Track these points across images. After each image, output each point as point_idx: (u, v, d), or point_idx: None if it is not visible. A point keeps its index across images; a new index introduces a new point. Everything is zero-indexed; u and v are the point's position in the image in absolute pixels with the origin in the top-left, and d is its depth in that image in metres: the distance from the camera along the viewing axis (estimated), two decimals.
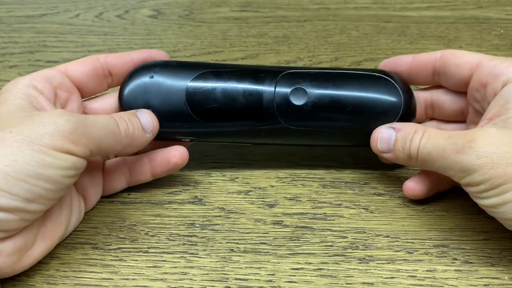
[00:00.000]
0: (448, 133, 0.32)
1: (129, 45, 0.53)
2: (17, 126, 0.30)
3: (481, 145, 0.30)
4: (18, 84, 0.34)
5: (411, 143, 0.34)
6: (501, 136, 0.31)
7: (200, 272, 0.33)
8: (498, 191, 0.30)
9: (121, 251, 0.34)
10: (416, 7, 0.59)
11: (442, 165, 0.32)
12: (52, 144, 0.30)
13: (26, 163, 0.29)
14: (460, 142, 0.31)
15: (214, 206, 0.37)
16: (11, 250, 0.30)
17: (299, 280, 0.33)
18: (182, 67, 0.37)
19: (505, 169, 0.30)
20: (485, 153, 0.30)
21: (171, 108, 0.36)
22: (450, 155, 0.31)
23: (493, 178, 0.30)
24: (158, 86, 0.36)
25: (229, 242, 0.35)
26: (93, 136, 0.32)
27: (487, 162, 0.30)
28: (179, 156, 0.36)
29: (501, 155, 0.30)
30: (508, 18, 0.57)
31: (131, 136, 0.34)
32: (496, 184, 0.30)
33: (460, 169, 0.31)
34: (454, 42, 0.53)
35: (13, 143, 0.29)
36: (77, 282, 0.32)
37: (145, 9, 0.59)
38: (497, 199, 0.30)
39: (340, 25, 0.56)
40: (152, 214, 0.36)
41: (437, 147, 0.32)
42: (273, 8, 0.59)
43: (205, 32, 0.56)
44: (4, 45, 0.53)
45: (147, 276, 0.33)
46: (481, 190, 0.31)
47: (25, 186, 0.29)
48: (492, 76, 0.34)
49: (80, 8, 0.59)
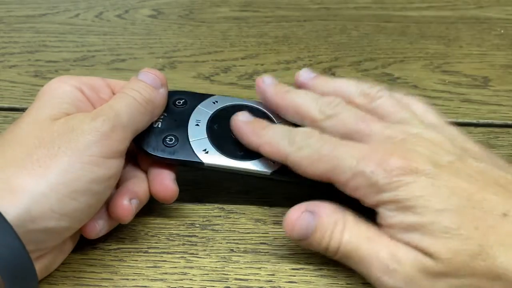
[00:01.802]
0: (368, 233, 0.30)
1: (129, 45, 0.53)
2: (62, 139, 0.29)
3: (405, 269, 0.28)
4: (64, 86, 0.33)
5: (332, 238, 0.30)
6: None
7: (200, 272, 0.33)
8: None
9: (120, 251, 0.34)
10: (416, 7, 0.59)
11: (364, 273, 0.30)
12: (100, 152, 0.29)
13: (77, 178, 0.29)
14: (384, 260, 0.29)
15: (214, 206, 0.37)
16: (41, 268, 0.30)
17: (299, 280, 0.33)
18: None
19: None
20: (411, 277, 0.28)
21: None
22: (375, 272, 0.29)
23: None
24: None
25: (229, 242, 0.35)
26: (126, 123, 0.31)
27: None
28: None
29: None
30: (508, 18, 0.57)
31: (150, 101, 0.33)
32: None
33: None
34: (454, 42, 0.53)
35: (64, 158, 0.29)
36: (77, 282, 0.32)
37: (145, 9, 0.59)
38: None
39: (340, 25, 0.56)
40: (152, 214, 0.36)
41: (360, 252, 0.30)
42: (273, 8, 0.59)
43: (205, 32, 0.56)
44: (4, 45, 0.53)
45: (147, 276, 0.33)
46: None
47: (75, 205, 0.29)
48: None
49: (80, 8, 0.59)
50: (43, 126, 0.30)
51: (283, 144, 0.32)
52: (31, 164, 0.28)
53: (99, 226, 0.32)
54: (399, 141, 0.31)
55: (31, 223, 0.27)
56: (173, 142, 0.35)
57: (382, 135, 0.31)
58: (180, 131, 0.35)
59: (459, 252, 0.28)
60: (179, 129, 0.35)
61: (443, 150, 0.30)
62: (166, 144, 0.35)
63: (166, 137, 0.35)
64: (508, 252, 0.27)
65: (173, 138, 0.35)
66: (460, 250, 0.28)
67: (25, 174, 0.28)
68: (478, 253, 0.27)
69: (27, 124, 0.31)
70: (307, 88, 0.36)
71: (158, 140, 0.35)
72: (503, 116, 0.45)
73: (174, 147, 0.34)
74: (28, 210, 0.27)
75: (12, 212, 0.27)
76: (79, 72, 0.49)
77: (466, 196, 0.29)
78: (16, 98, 0.47)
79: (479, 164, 0.30)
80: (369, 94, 0.34)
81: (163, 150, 0.34)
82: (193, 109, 0.36)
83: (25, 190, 0.27)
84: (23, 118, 0.31)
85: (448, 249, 0.28)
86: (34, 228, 0.27)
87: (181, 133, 0.35)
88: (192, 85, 0.48)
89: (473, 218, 0.28)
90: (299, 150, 0.31)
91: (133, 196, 0.33)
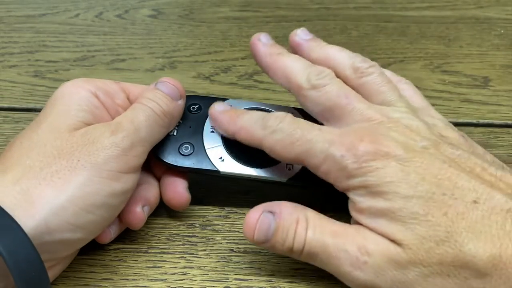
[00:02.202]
0: (333, 227, 0.30)
1: (129, 45, 0.53)
2: (82, 151, 0.29)
3: (375, 261, 0.28)
4: (81, 91, 0.32)
5: (295, 237, 0.30)
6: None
7: (200, 272, 0.33)
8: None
9: (120, 251, 0.34)
10: (416, 7, 0.59)
11: (333, 270, 0.30)
12: (118, 167, 0.30)
13: (95, 192, 0.29)
14: (352, 253, 0.28)
15: (214, 206, 0.37)
16: (52, 276, 0.30)
17: (299, 280, 0.33)
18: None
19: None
20: (382, 267, 0.28)
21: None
22: (345, 267, 0.29)
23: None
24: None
25: (229, 242, 0.35)
26: (145, 138, 0.32)
27: (387, 280, 0.28)
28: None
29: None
30: (508, 18, 0.57)
31: (168, 113, 0.33)
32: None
33: (362, 286, 0.29)
34: (454, 42, 0.53)
35: (83, 172, 0.29)
36: (77, 282, 0.32)
37: (145, 9, 0.59)
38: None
39: (340, 25, 0.56)
40: (152, 214, 0.36)
41: (326, 249, 0.29)
42: (273, 8, 0.59)
43: (205, 32, 0.56)
44: (4, 45, 0.53)
45: (147, 276, 0.33)
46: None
47: (91, 218, 0.29)
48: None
49: (80, 8, 0.59)
50: (62, 136, 0.30)
51: (257, 129, 0.32)
52: (50, 175, 0.28)
53: (112, 232, 0.33)
54: (375, 124, 0.31)
55: (48, 235, 0.27)
56: (189, 151, 0.35)
57: (362, 115, 0.31)
58: (195, 138, 0.35)
59: (426, 239, 0.27)
60: (194, 137, 0.35)
61: (419, 136, 0.30)
62: (182, 153, 0.35)
63: (182, 145, 0.35)
64: (476, 240, 0.27)
65: (189, 147, 0.35)
66: (426, 236, 0.27)
67: (44, 186, 0.28)
68: (445, 240, 0.27)
69: (44, 132, 0.30)
70: (301, 49, 0.36)
71: (174, 148, 0.35)
72: (503, 116, 0.45)
73: (190, 155, 0.34)
74: (45, 222, 0.27)
75: (30, 224, 0.27)
76: (79, 72, 0.50)
77: (436, 182, 0.28)
78: (16, 98, 0.47)
79: (455, 151, 0.30)
80: (359, 69, 0.34)
81: (180, 158, 0.34)
82: (208, 115, 0.36)
83: (44, 202, 0.27)
84: (40, 125, 0.31)
85: (415, 235, 0.27)
86: (50, 240, 0.28)
87: (197, 140, 0.35)
88: (192, 85, 0.48)
89: (442, 204, 0.28)
90: (272, 134, 0.31)
91: (145, 203, 0.34)
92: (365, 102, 0.32)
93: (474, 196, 0.28)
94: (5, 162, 0.30)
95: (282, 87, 0.35)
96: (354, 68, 0.34)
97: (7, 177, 0.28)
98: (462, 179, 0.28)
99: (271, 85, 0.48)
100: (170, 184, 0.34)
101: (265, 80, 0.49)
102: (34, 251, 0.26)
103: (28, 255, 0.26)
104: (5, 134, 0.43)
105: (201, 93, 0.47)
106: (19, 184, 0.28)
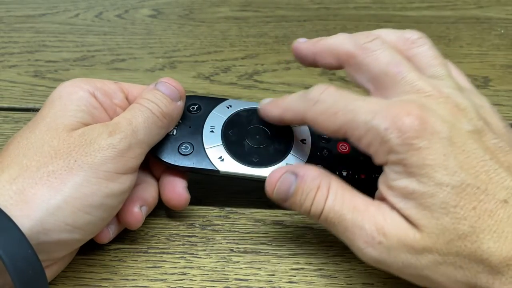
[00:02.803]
0: (355, 201, 0.29)
1: (128, 45, 0.53)
2: (79, 152, 0.29)
3: (391, 243, 0.28)
4: (79, 91, 0.32)
5: (314, 203, 0.30)
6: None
7: (200, 273, 0.33)
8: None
9: (120, 251, 0.34)
10: (416, 7, 0.59)
11: (347, 242, 0.29)
12: (115, 168, 0.29)
13: (92, 193, 0.29)
14: (369, 232, 0.28)
15: (214, 206, 0.37)
16: (50, 276, 0.30)
17: (299, 280, 0.33)
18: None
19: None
20: (396, 250, 0.28)
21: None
22: (359, 243, 0.29)
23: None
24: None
25: (229, 242, 0.35)
26: (143, 139, 0.31)
27: (398, 261, 0.28)
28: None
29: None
30: (508, 18, 0.57)
31: (167, 114, 0.33)
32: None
33: (372, 261, 0.29)
34: (454, 42, 0.53)
35: (80, 173, 0.28)
36: (77, 282, 0.32)
37: (145, 9, 0.59)
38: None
39: (340, 25, 0.56)
40: (152, 214, 0.36)
41: (344, 223, 0.29)
42: (273, 8, 0.59)
43: (205, 32, 0.56)
44: (3, 45, 0.53)
45: (147, 276, 0.33)
46: None
47: (88, 218, 0.29)
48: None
49: (79, 8, 0.59)
50: (59, 136, 0.30)
51: (299, 103, 0.31)
52: (46, 175, 0.28)
53: (111, 232, 0.33)
54: (425, 97, 0.29)
55: (44, 235, 0.27)
56: (189, 150, 0.35)
57: (412, 85, 0.30)
58: (195, 138, 0.35)
59: (450, 231, 0.27)
60: (194, 136, 0.35)
61: (465, 118, 0.29)
62: (181, 152, 0.34)
63: (181, 145, 0.35)
64: (497, 239, 0.27)
65: (188, 146, 0.35)
66: (450, 228, 0.27)
67: (40, 185, 0.28)
68: (468, 234, 0.27)
69: (42, 132, 0.30)
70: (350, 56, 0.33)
71: (173, 148, 0.35)
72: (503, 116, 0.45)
73: (190, 155, 0.34)
74: (41, 222, 0.27)
75: (26, 223, 0.27)
76: (78, 72, 0.49)
77: (473, 174, 0.27)
78: (16, 98, 0.47)
79: (497, 143, 0.29)
80: (409, 39, 0.32)
81: (179, 158, 0.34)
82: (207, 115, 0.36)
83: (40, 202, 0.27)
84: (38, 125, 0.31)
85: (440, 225, 0.27)
86: (46, 240, 0.27)
87: (196, 140, 0.35)
88: (192, 85, 0.48)
89: (474, 198, 0.27)
90: (315, 105, 0.30)
91: (143, 203, 0.33)
92: (417, 73, 0.30)
93: (505, 195, 0.27)
94: (2, 161, 0.29)
95: (283, 87, 0.35)
96: (405, 38, 0.33)
97: (4, 176, 0.28)
98: (498, 175, 0.28)
99: (271, 85, 0.48)
100: (169, 184, 0.34)
101: (265, 80, 0.49)
102: (32, 250, 0.26)
103: (25, 254, 0.26)
104: (5, 134, 0.43)
105: (201, 93, 0.47)
106: (15, 183, 0.28)
